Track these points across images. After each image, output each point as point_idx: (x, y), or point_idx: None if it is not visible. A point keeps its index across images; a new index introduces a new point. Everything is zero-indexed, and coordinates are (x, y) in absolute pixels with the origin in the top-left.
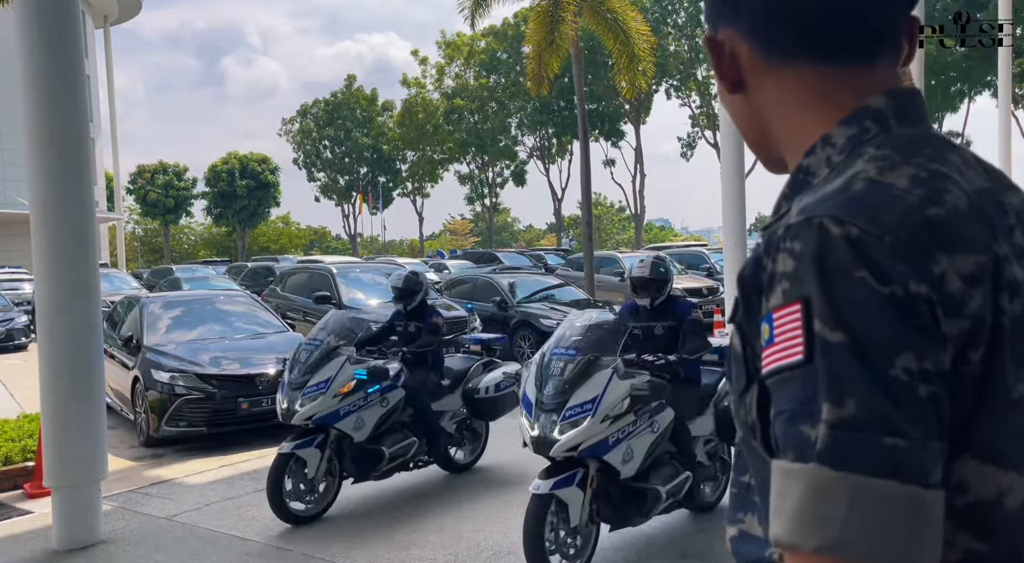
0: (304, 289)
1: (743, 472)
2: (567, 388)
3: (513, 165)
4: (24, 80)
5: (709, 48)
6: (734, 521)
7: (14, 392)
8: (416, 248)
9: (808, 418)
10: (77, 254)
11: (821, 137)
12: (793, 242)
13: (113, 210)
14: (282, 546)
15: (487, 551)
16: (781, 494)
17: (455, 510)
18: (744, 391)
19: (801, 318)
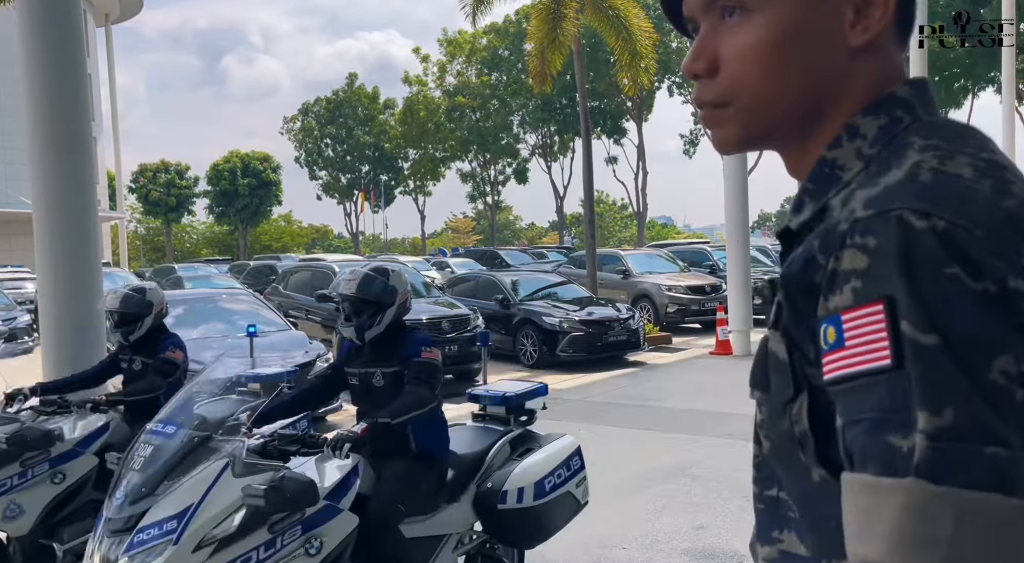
0: (306, 287)
1: (769, 486)
2: (144, 492)
3: (515, 163)
4: (26, 79)
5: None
6: (769, 541)
7: None
8: (418, 246)
9: (897, 428)
10: (79, 253)
11: (844, 127)
12: (865, 237)
13: (115, 209)
14: None
15: None
16: (869, 512)
17: None
18: (791, 401)
19: (885, 319)
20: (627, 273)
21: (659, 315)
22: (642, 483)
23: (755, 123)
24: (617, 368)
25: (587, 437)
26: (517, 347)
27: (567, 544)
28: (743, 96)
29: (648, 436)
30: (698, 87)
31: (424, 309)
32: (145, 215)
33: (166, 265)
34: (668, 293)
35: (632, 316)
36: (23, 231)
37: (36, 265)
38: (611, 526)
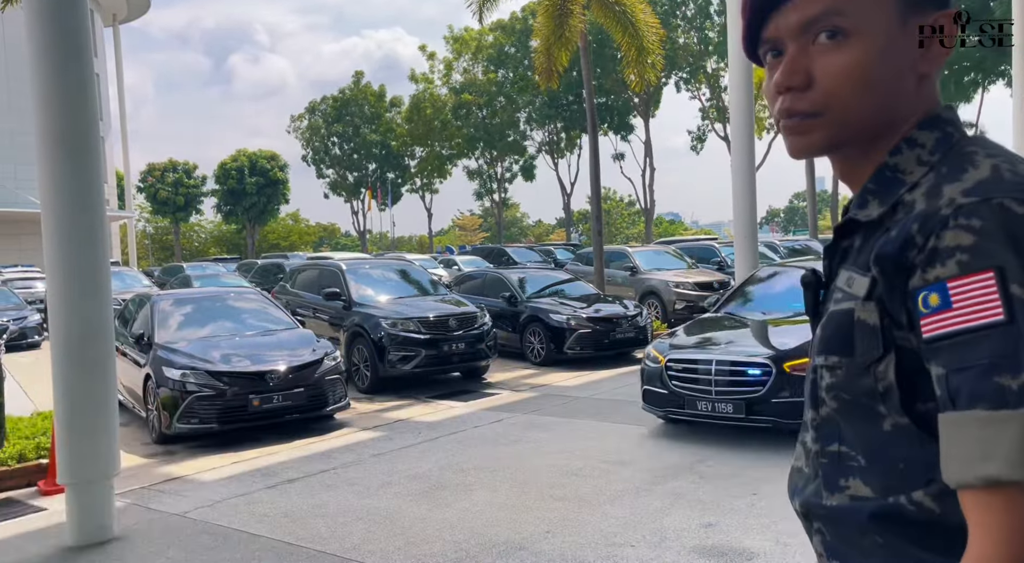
0: (314, 286)
1: (831, 442)
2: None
3: (522, 160)
4: (33, 80)
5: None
6: (838, 489)
7: (28, 390)
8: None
9: (1008, 370)
10: (87, 253)
11: (905, 139)
12: (970, 219)
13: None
14: (293, 543)
15: (498, 546)
16: (986, 440)
17: (467, 504)
18: (876, 361)
19: (996, 284)
20: (635, 270)
21: (667, 312)
22: (650, 480)
23: (842, 133)
24: (625, 365)
25: (595, 434)
26: (524, 344)
27: (575, 541)
28: (836, 109)
29: (656, 433)
30: (790, 99)
31: (431, 307)
32: (153, 214)
33: (174, 264)
34: (676, 290)
35: (640, 313)
36: (33, 231)
37: (45, 265)
38: (619, 523)
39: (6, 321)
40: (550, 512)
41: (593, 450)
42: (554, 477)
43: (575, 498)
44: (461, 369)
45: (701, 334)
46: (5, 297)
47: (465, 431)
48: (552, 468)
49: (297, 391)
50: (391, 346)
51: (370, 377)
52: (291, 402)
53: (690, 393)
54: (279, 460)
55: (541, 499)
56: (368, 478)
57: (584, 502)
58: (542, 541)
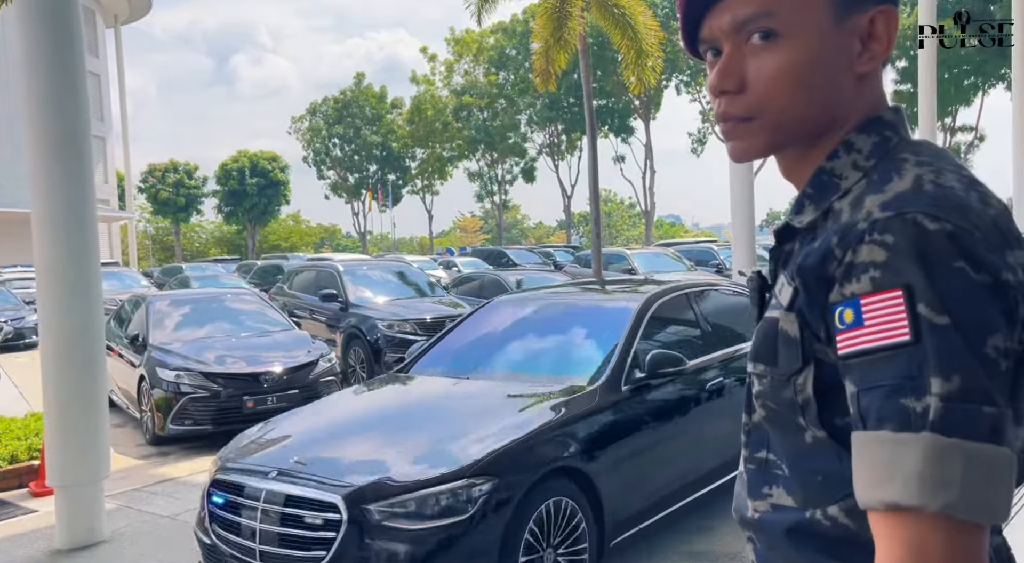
0: (311, 287)
1: (759, 448)
2: None
3: (522, 162)
4: (25, 79)
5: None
6: (760, 496)
7: (23, 390)
8: (426, 245)
9: (912, 392)
10: (77, 253)
11: (842, 143)
12: (884, 234)
13: (124, 209)
14: None
15: None
16: (887, 462)
17: None
18: (796, 373)
19: (903, 303)
20: (633, 272)
21: None
22: None
23: (778, 135)
24: None
25: None
26: None
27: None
28: (770, 112)
29: None
30: (725, 102)
31: (428, 308)
32: (154, 215)
33: (174, 265)
34: None
35: None
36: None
37: (35, 266)
38: None
39: (3, 321)
40: None
41: None
42: None
43: None
44: None
45: (310, 421)
46: (3, 297)
47: None
48: None
49: (292, 393)
50: (387, 347)
51: (367, 378)
52: (286, 404)
53: (230, 552)
54: None
55: None
56: None
57: None
58: None
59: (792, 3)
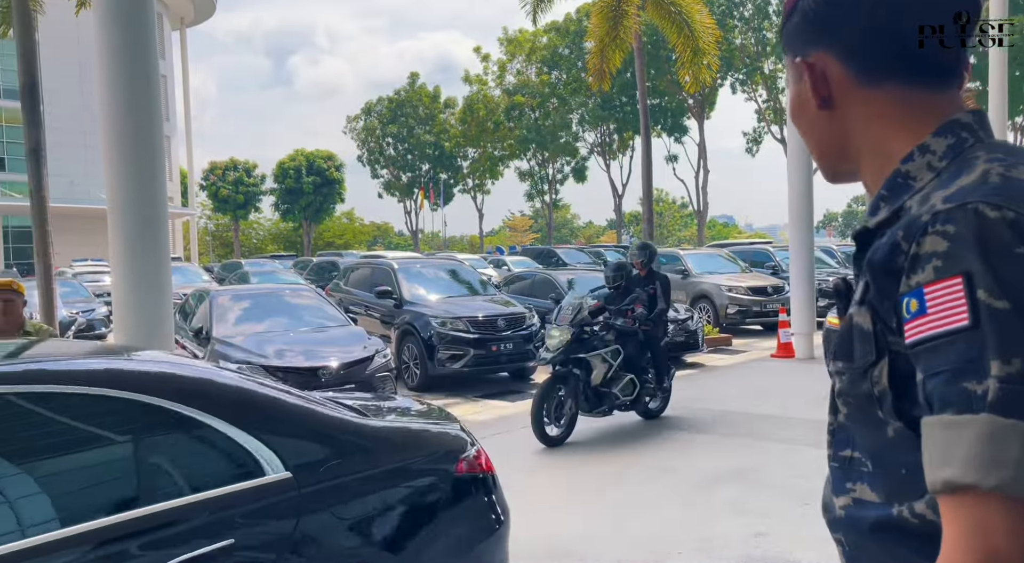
0: (366, 284)
1: (843, 447)
2: None
3: (573, 161)
4: (101, 81)
5: (800, 70)
6: (844, 492)
7: None
8: (476, 244)
9: (973, 375)
10: (150, 249)
11: (918, 146)
12: (945, 225)
13: (187, 206)
14: None
15: (543, 549)
16: (947, 444)
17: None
18: (872, 365)
19: (963, 289)
20: (686, 273)
21: (719, 316)
22: (699, 487)
23: (820, 162)
24: (676, 370)
25: (640, 439)
26: None
27: (620, 546)
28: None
29: (705, 439)
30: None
31: (480, 307)
32: (215, 212)
33: (233, 261)
34: (728, 294)
35: (691, 317)
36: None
37: (110, 261)
38: (666, 530)
39: (75, 313)
40: (596, 516)
41: (640, 455)
42: (600, 481)
43: (621, 502)
44: (509, 369)
45: None
46: (75, 290)
47: (512, 432)
48: (598, 472)
49: (348, 387)
50: (440, 345)
51: (419, 375)
52: None
53: None
54: None
55: (587, 503)
56: None
57: (632, 507)
58: (587, 545)
59: (788, 62)
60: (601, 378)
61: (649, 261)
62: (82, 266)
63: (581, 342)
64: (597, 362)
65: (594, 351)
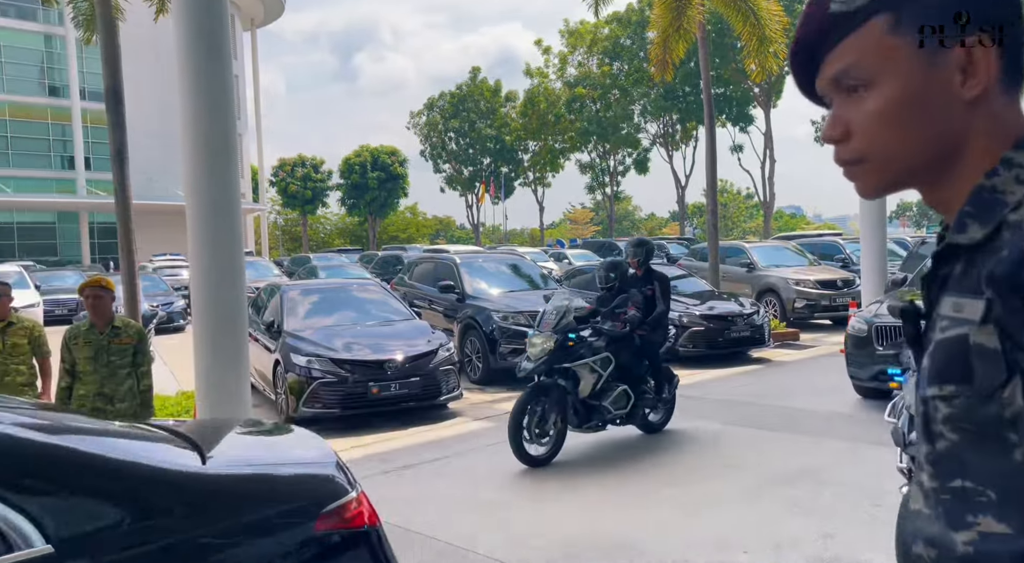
0: (430, 278)
1: (951, 478)
2: None
3: (635, 153)
4: (181, 85)
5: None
6: (965, 526)
7: (174, 370)
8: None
9: None
10: (226, 245)
11: (1002, 159)
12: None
13: (258, 201)
14: (407, 528)
15: (605, 544)
16: None
17: (575, 499)
18: (1001, 386)
19: None
20: (752, 266)
21: (786, 310)
22: (764, 486)
23: (887, 173)
24: (739, 365)
25: (704, 435)
26: None
27: (683, 544)
28: (876, 154)
29: (770, 437)
30: (837, 150)
31: (541, 301)
32: (284, 207)
33: (302, 255)
34: (796, 287)
35: (756, 311)
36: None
37: (189, 254)
38: (732, 529)
39: (155, 306)
40: (660, 512)
41: (705, 451)
42: (666, 477)
43: (687, 499)
44: None
45: None
46: (155, 284)
47: None
48: (663, 467)
49: (413, 380)
50: (502, 338)
51: (482, 368)
52: (407, 390)
53: None
54: (395, 446)
55: (651, 498)
56: (479, 468)
57: (696, 504)
58: (650, 542)
59: (875, 56)
60: (590, 390)
61: (646, 259)
62: (161, 260)
63: (566, 350)
64: (584, 372)
65: (581, 360)
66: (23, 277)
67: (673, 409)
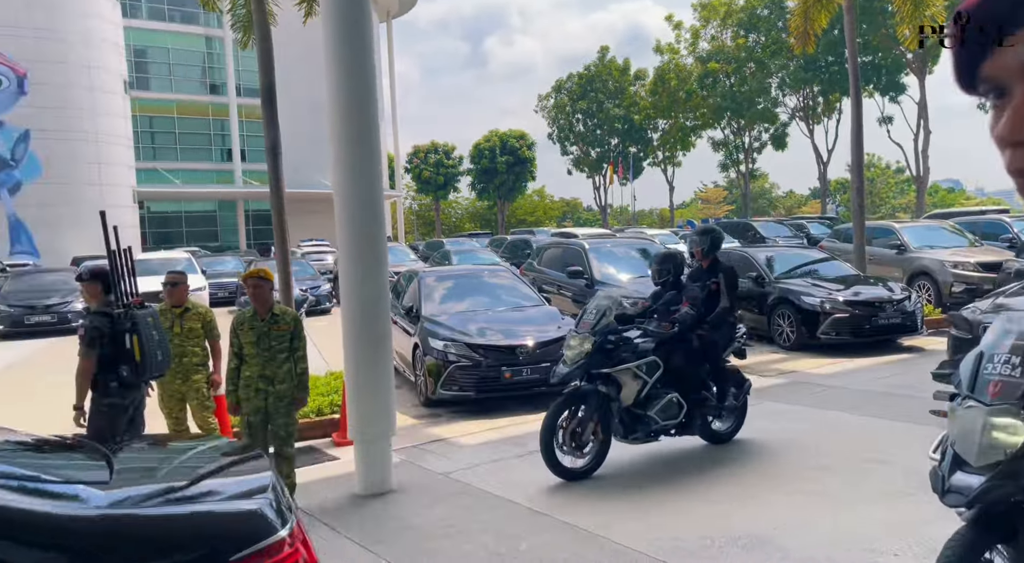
0: (558, 263)
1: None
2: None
3: (772, 128)
4: (328, 80)
5: None
6: None
7: (322, 351)
8: (666, 218)
9: None
10: (371, 233)
11: None
12: None
13: (394, 188)
14: (541, 511)
15: (743, 538)
16: None
17: (711, 491)
18: None
19: None
20: (902, 248)
21: (941, 296)
22: (914, 483)
23: None
24: (888, 354)
25: (850, 428)
26: (772, 327)
27: (827, 542)
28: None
29: (919, 431)
30: (1015, 155)
31: None
32: (418, 193)
33: (436, 240)
34: (953, 271)
35: (907, 297)
36: (323, 210)
37: (337, 243)
38: (880, 529)
39: (305, 291)
40: (798, 508)
41: (847, 445)
42: (803, 471)
43: (827, 496)
44: None
45: None
46: (303, 269)
47: None
48: (800, 461)
49: (544, 365)
50: None
51: None
52: (538, 375)
53: None
54: (528, 430)
55: (788, 493)
56: (613, 455)
57: (837, 501)
58: (790, 538)
59: None
60: (633, 397)
61: (712, 249)
62: (308, 246)
63: (605, 353)
64: (627, 378)
65: (623, 364)
66: (191, 263)
67: (744, 417)
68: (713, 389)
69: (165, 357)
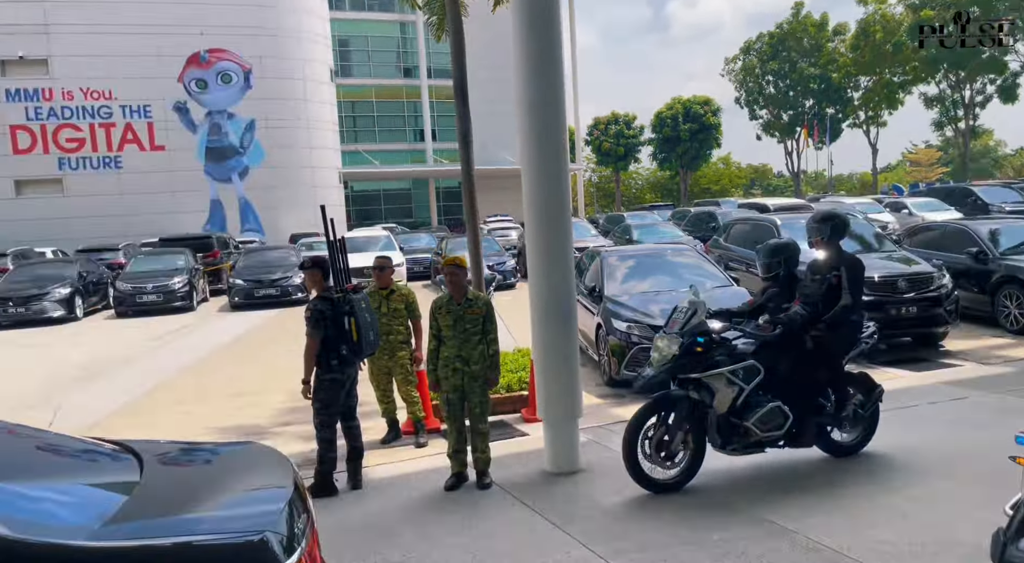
0: (747, 240)
1: None
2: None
3: (1000, 79)
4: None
5: None
6: None
7: (509, 327)
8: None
9: None
10: (558, 214)
11: None
12: None
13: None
14: (731, 503)
15: (962, 546)
16: None
17: (920, 492)
18: None
19: None
20: None
21: None
22: None
23: None
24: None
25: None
26: (996, 309)
27: None
28: None
29: None
30: None
31: (876, 265)
32: (598, 165)
33: (616, 213)
34: None
35: None
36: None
37: (526, 223)
38: None
39: (492, 268)
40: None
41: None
42: None
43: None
44: (912, 335)
45: None
46: (489, 245)
47: (916, 407)
48: None
49: None
50: None
51: None
52: None
53: None
54: None
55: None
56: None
57: None
58: None
59: None
60: (728, 405)
61: (833, 237)
62: (493, 222)
63: (694, 356)
64: (719, 384)
65: (716, 368)
66: (391, 240)
67: (875, 427)
68: (832, 396)
69: (376, 337)
